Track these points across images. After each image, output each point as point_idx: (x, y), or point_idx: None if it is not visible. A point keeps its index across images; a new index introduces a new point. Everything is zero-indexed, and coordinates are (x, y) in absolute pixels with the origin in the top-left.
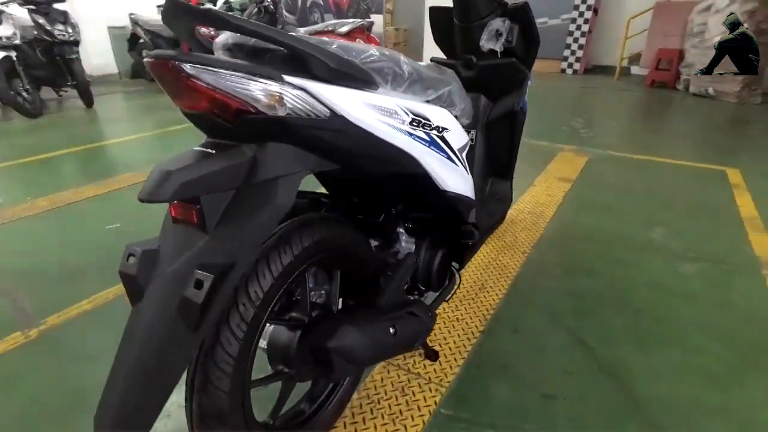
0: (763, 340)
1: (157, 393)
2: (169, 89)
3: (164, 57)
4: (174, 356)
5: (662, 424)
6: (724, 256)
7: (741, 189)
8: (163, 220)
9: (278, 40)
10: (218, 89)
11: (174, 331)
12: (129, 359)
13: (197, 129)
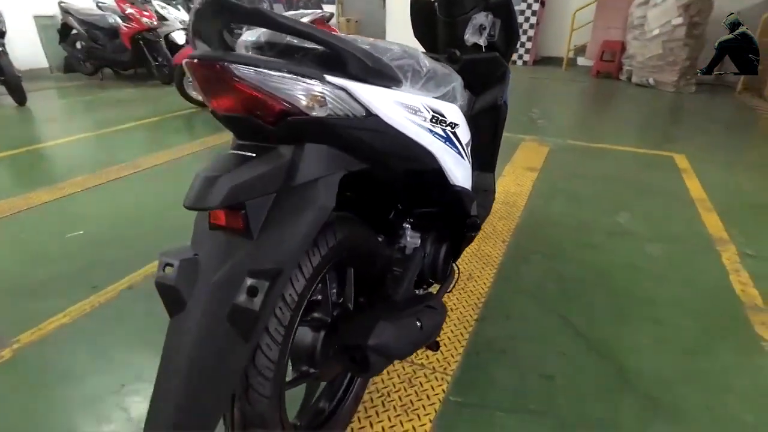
0: (724, 311)
1: (213, 405)
2: (212, 90)
3: (212, 58)
4: (227, 366)
5: (652, 394)
6: (683, 236)
7: (689, 173)
8: (111, 225)
9: (322, 39)
10: (264, 90)
11: (226, 340)
12: (179, 372)
13: (150, 129)
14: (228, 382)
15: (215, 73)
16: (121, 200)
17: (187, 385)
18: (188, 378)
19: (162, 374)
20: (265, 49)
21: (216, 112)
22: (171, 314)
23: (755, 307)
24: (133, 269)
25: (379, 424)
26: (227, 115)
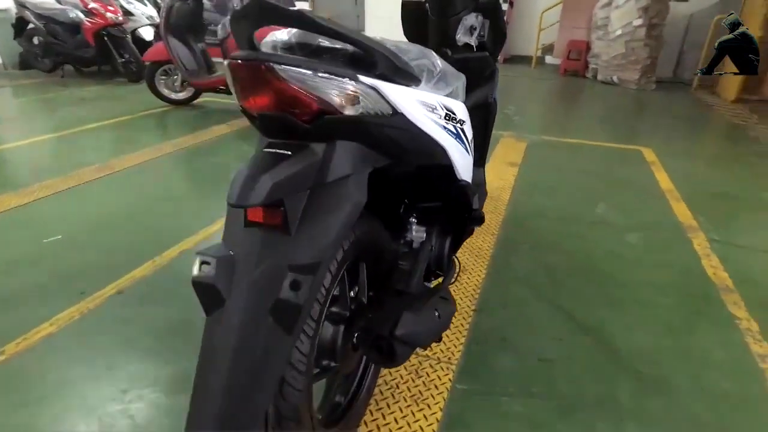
0: (699, 292)
1: (259, 400)
2: (252, 90)
3: (256, 59)
4: (272, 361)
5: (642, 371)
6: (657, 225)
7: (657, 165)
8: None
9: (356, 39)
10: (303, 89)
11: (269, 335)
12: (222, 369)
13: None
14: (273, 376)
15: (259, 73)
16: (98, 203)
17: (232, 382)
18: (233, 374)
19: (203, 373)
20: (295, 49)
21: (248, 110)
22: (208, 312)
23: (726, 288)
24: (120, 273)
25: (391, 415)
26: (263, 114)
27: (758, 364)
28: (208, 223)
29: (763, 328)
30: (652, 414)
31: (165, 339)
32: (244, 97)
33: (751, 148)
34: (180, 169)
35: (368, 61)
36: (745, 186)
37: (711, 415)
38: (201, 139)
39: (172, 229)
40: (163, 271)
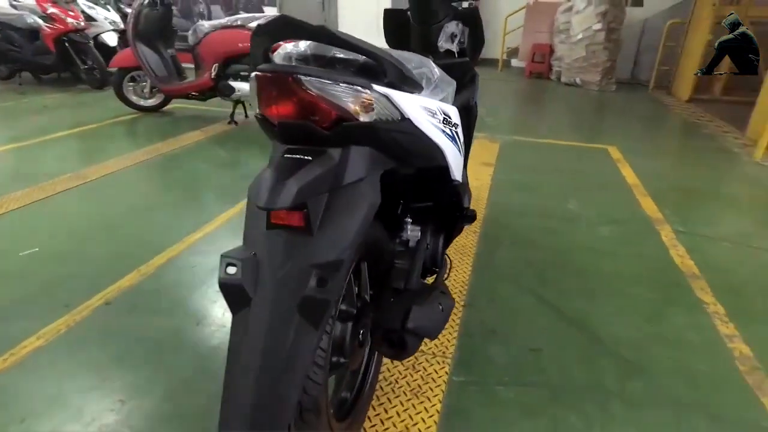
0: (670, 280)
1: (290, 393)
2: (278, 100)
3: (285, 71)
4: (300, 355)
5: (625, 355)
6: (626, 218)
7: (622, 162)
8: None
9: (371, 51)
10: (326, 99)
11: (297, 330)
12: (253, 364)
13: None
14: (301, 370)
15: (286, 84)
16: (74, 213)
17: (263, 377)
18: (263, 370)
19: (233, 369)
20: (310, 60)
21: (268, 119)
22: (235, 311)
23: (694, 275)
24: (105, 284)
25: (393, 409)
26: (284, 122)
27: (726, 344)
28: (192, 230)
29: (728, 310)
30: (636, 395)
31: (158, 348)
32: (267, 107)
33: (706, 144)
34: (157, 177)
35: (378, 70)
36: (703, 180)
37: (689, 393)
38: (175, 146)
39: (154, 238)
40: (150, 281)
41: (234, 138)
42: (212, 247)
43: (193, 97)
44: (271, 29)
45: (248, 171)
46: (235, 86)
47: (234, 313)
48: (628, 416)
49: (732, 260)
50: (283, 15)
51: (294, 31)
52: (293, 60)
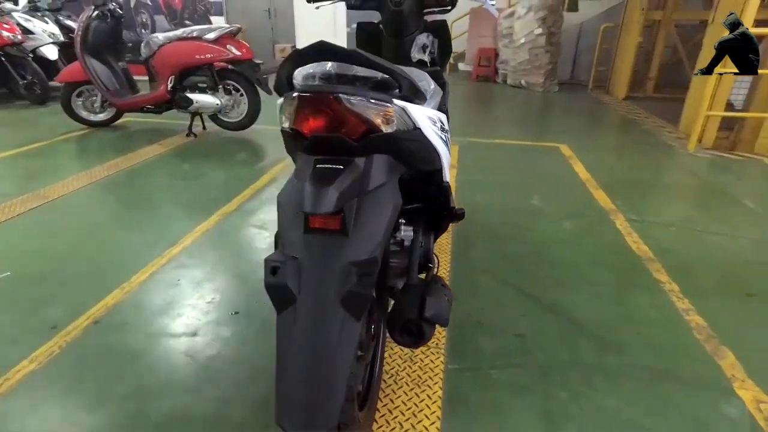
0: (629, 264)
1: (339, 382)
2: (316, 116)
3: (326, 90)
4: (346, 345)
5: (599, 334)
6: (584, 211)
7: (574, 159)
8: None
9: (392, 70)
10: (359, 114)
11: (341, 322)
12: (304, 357)
13: (42, 155)
14: (348, 360)
15: (327, 102)
16: (41, 234)
17: (316, 366)
18: (314, 361)
19: (285, 363)
20: (333, 78)
21: (301, 133)
22: (280, 310)
23: (649, 259)
24: (89, 303)
25: (398, 399)
26: (318, 136)
27: (684, 317)
28: (171, 244)
29: (682, 287)
30: (613, 368)
31: (155, 365)
32: (304, 122)
33: (645, 139)
34: (122, 193)
35: (391, 85)
36: (646, 172)
37: (658, 362)
38: (136, 161)
39: (133, 254)
40: (135, 297)
41: (195, 150)
42: (194, 260)
43: (148, 110)
44: (309, 53)
45: (216, 182)
46: (193, 98)
47: (279, 311)
48: (608, 387)
49: (680, 243)
50: (322, 41)
51: (331, 54)
52: (317, 79)
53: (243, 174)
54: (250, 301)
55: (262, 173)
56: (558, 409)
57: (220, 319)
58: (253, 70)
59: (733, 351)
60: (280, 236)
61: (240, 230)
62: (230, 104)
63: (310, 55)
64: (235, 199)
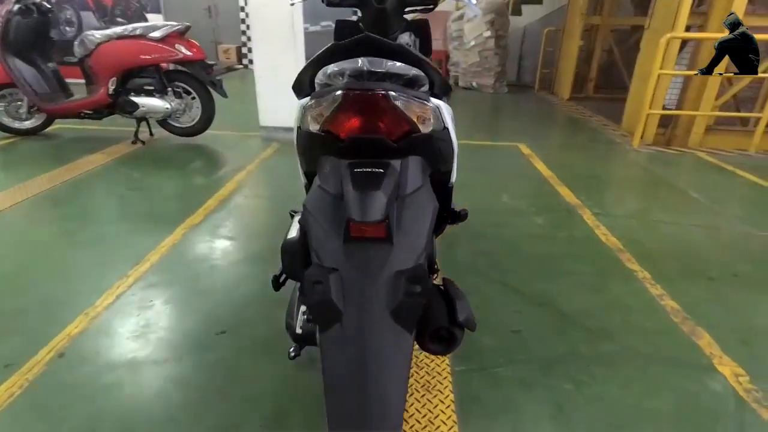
0: (602, 256)
1: (397, 399)
2: (362, 115)
3: (375, 88)
4: (400, 358)
5: (588, 324)
6: (553, 206)
7: (534, 157)
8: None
9: (429, 66)
10: (404, 112)
11: (395, 335)
12: (358, 373)
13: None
14: (404, 372)
15: (376, 101)
16: None
17: (373, 385)
18: (370, 377)
19: (335, 383)
20: (365, 75)
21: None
22: (325, 327)
23: (619, 249)
24: (49, 334)
25: (412, 406)
26: (356, 137)
27: (659, 302)
28: (136, 262)
29: (653, 275)
30: (607, 356)
31: (136, 399)
32: (341, 123)
33: (594, 137)
34: (68, 209)
35: (421, 82)
36: (601, 168)
37: (644, 346)
38: (77, 172)
39: (93, 275)
40: (103, 323)
41: (145, 159)
42: (165, 278)
43: (86, 116)
44: (352, 47)
45: (175, 193)
46: (139, 102)
47: (323, 330)
48: (606, 375)
49: (643, 233)
50: (367, 34)
51: (376, 48)
52: (346, 77)
53: (204, 183)
54: (236, 318)
55: (224, 181)
56: (565, 400)
57: (205, 341)
58: (206, 71)
59: (707, 331)
60: (313, 248)
61: (211, 243)
62: (181, 108)
63: (352, 50)
64: (200, 210)
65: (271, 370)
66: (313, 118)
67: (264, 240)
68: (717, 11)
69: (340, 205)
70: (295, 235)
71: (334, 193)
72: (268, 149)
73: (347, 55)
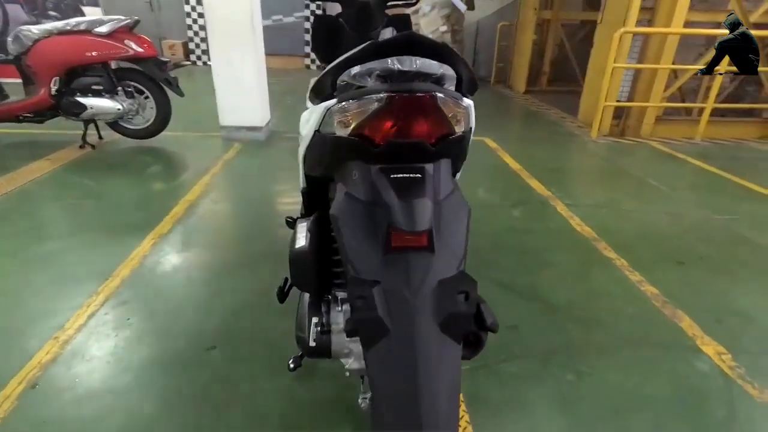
0: (579, 245)
1: (453, 411)
2: (407, 118)
3: (423, 90)
4: (451, 371)
5: (577, 314)
6: (527, 199)
7: (501, 151)
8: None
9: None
10: (446, 114)
11: (444, 348)
12: (409, 392)
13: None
14: (456, 384)
15: (423, 104)
16: None
17: (427, 403)
18: (424, 395)
19: (385, 404)
20: (396, 75)
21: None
22: (370, 345)
23: (594, 238)
24: (15, 365)
25: None
26: (393, 142)
27: (640, 288)
28: (104, 278)
29: (630, 262)
30: (600, 344)
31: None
32: (377, 126)
33: (555, 129)
34: (15, 223)
35: (449, 80)
36: (565, 159)
37: (633, 331)
38: (21, 182)
39: (57, 295)
40: (76, 347)
41: (97, 164)
42: (140, 292)
43: (25, 119)
44: (395, 45)
45: (136, 200)
46: (86, 103)
47: (368, 348)
48: (604, 363)
49: (614, 222)
50: (411, 32)
51: (419, 47)
52: (374, 77)
53: (167, 188)
54: (224, 331)
55: (189, 185)
56: (569, 391)
57: (196, 357)
58: (160, 68)
59: (687, 313)
60: (348, 260)
61: (184, 252)
62: (134, 109)
63: (395, 48)
64: (167, 218)
65: (271, 384)
66: (342, 122)
67: (241, 246)
68: (663, 7)
69: (372, 213)
70: (305, 244)
71: (365, 200)
72: (230, 150)
73: (392, 54)
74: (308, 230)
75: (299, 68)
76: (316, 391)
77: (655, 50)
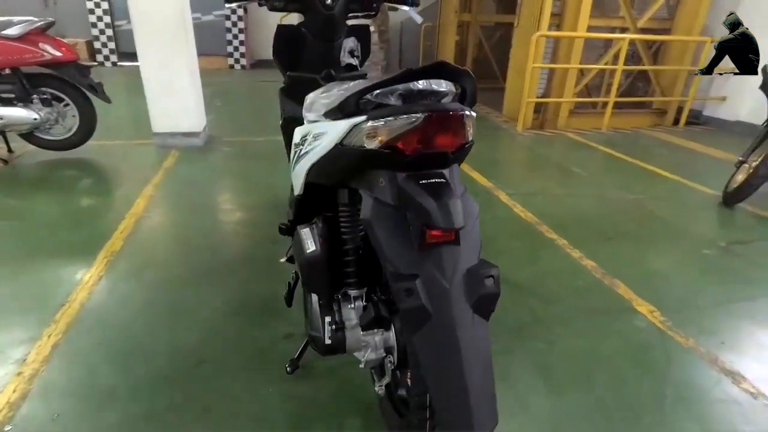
0: (525, 230)
1: (491, 380)
2: (438, 133)
3: (456, 108)
4: (484, 345)
5: (537, 290)
6: (474, 190)
7: None
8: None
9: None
10: (467, 127)
11: (476, 325)
12: (455, 366)
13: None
14: (489, 354)
15: (456, 121)
16: None
17: (472, 375)
18: (469, 368)
19: (436, 378)
20: (414, 95)
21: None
22: (415, 330)
23: (537, 222)
24: None
25: None
26: (421, 153)
27: (581, 263)
28: (61, 303)
29: (569, 241)
30: (559, 315)
31: None
32: (407, 140)
33: (484, 124)
34: None
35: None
36: (498, 152)
37: (583, 302)
38: None
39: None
40: (46, 382)
41: (13, 181)
42: (105, 315)
43: None
44: (429, 71)
45: (73, 218)
46: None
47: (414, 332)
48: (567, 332)
49: (551, 207)
50: (443, 60)
51: (447, 72)
52: (397, 96)
53: (106, 203)
54: (209, 344)
55: (134, 198)
56: (543, 359)
57: (186, 376)
58: (82, 73)
59: (621, 281)
60: (387, 258)
61: (144, 268)
62: (52, 118)
63: (429, 74)
64: (116, 234)
65: (271, 389)
66: (370, 137)
67: (205, 255)
68: (569, 13)
69: (403, 214)
70: (316, 248)
71: (393, 203)
72: (168, 158)
73: (426, 77)
74: (318, 234)
75: (223, 68)
76: (318, 390)
77: (565, 51)
